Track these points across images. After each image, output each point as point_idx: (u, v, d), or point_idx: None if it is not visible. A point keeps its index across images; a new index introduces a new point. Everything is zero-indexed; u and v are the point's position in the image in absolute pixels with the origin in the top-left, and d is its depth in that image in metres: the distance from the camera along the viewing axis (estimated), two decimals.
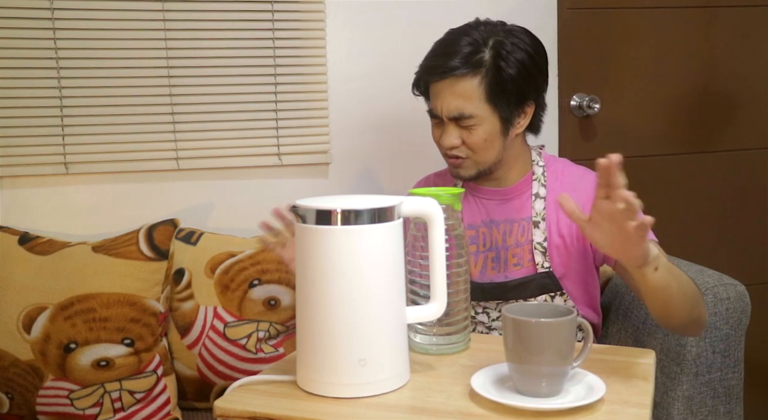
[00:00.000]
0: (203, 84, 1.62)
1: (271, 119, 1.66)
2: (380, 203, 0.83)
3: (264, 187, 1.69)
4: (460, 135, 1.20)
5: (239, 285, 1.46)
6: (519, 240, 1.25)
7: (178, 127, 1.61)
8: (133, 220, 1.56)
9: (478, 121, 1.19)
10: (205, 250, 1.50)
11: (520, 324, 0.81)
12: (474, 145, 1.20)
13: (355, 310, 0.82)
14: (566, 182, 1.26)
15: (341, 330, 0.82)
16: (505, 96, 1.19)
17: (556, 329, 0.80)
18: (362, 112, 1.72)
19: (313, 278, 0.83)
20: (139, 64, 1.58)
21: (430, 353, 0.98)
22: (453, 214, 0.98)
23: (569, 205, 0.92)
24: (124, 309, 1.38)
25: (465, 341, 1.00)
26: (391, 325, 0.85)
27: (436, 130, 1.26)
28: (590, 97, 1.81)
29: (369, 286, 0.83)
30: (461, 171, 1.24)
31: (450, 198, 0.97)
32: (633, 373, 0.90)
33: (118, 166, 1.60)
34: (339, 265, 0.82)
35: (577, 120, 1.83)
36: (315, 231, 0.83)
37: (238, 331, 1.45)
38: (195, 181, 1.65)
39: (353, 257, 0.82)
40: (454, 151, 1.22)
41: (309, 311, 0.84)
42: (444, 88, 1.19)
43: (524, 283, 1.23)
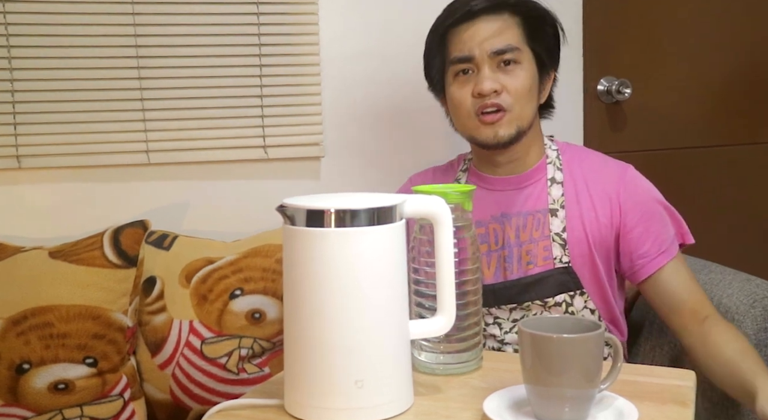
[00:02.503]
0: (176, 66, 1.61)
1: (256, 107, 1.67)
2: (380, 202, 0.84)
3: (247, 184, 1.69)
4: (500, 80, 1.23)
5: (218, 296, 1.47)
6: (533, 235, 1.26)
7: (148, 116, 1.61)
8: (96, 221, 1.55)
9: (521, 60, 1.23)
10: (179, 256, 1.50)
11: (540, 340, 0.80)
12: (517, 91, 1.23)
13: (352, 324, 0.82)
14: (586, 166, 1.29)
15: (335, 347, 0.82)
16: (545, 36, 1.26)
17: (581, 346, 0.80)
18: (360, 98, 1.72)
19: (304, 288, 0.83)
20: (102, 42, 1.58)
21: (437, 373, 0.98)
22: (463, 214, 0.98)
23: None
24: (86, 323, 1.38)
25: (477, 360, 1.00)
26: (393, 341, 0.85)
27: (463, 88, 1.26)
28: (620, 81, 1.81)
29: (367, 297, 0.83)
30: (500, 129, 1.24)
31: (459, 196, 0.97)
32: (670, 397, 0.90)
33: (79, 160, 1.60)
34: (333, 272, 0.82)
35: (604, 107, 1.84)
36: (305, 234, 0.83)
37: (218, 348, 1.45)
38: (168, 177, 1.65)
39: (349, 264, 0.82)
40: (493, 99, 1.23)
41: (298, 326, 0.84)
42: (479, 25, 1.23)
43: (540, 281, 1.24)
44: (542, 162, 1.30)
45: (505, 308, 1.26)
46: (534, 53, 1.25)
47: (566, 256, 1.24)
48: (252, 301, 1.47)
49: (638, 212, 1.24)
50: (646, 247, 1.23)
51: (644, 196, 1.26)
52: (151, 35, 1.60)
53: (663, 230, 1.24)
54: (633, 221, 1.24)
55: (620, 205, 1.24)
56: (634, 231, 1.24)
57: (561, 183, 1.27)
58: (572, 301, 1.24)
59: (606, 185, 1.25)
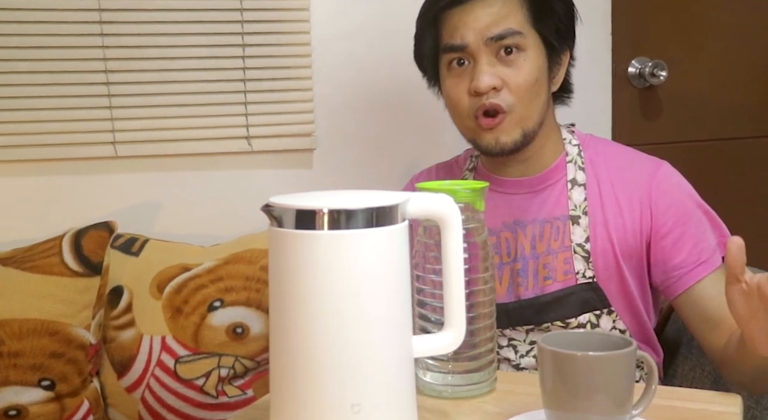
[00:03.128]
0: (146, 45, 1.62)
1: (238, 92, 1.67)
2: (379, 201, 0.83)
3: (228, 180, 1.70)
4: (500, 74, 1.20)
5: (195, 308, 1.47)
6: (551, 246, 1.25)
7: (114, 102, 1.61)
8: (54, 222, 1.56)
9: (525, 46, 1.20)
10: (150, 263, 1.51)
11: (563, 359, 0.80)
12: (520, 87, 1.19)
13: (347, 339, 0.82)
14: (612, 163, 1.27)
15: (328, 367, 0.82)
16: (554, 17, 1.21)
17: (609, 365, 0.80)
18: (357, 82, 1.72)
19: (292, 299, 0.83)
20: (61, 17, 1.57)
21: (445, 397, 0.98)
22: (474, 215, 0.98)
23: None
24: (42, 340, 1.38)
25: (490, 381, 1.00)
26: (394, 360, 0.85)
27: (457, 83, 1.23)
28: (654, 62, 1.81)
29: (365, 309, 0.82)
30: (502, 136, 1.21)
31: (470, 194, 0.97)
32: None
33: (34, 153, 1.59)
34: (326, 281, 0.82)
35: (636, 92, 1.83)
36: (294, 237, 0.82)
37: (194, 368, 1.45)
38: (137, 172, 1.65)
39: (344, 271, 0.82)
40: (492, 99, 1.19)
41: (286, 342, 0.84)
42: (474, 9, 1.20)
43: (560, 299, 1.23)
44: (561, 160, 1.28)
45: (521, 329, 1.25)
46: (541, 36, 1.22)
47: (590, 269, 1.23)
48: (233, 314, 1.47)
49: (672, 216, 1.22)
50: (682, 256, 1.21)
51: (680, 197, 1.24)
52: (118, 10, 1.60)
53: (702, 237, 1.22)
54: (666, 226, 1.22)
55: (651, 208, 1.22)
56: (667, 238, 1.22)
57: (583, 185, 1.25)
58: (598, 321, 1.23)
59: (635, 185, 1.23)
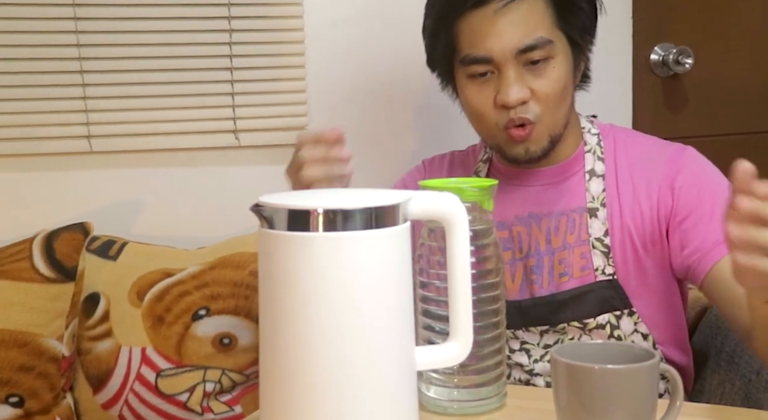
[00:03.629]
0: (123, 30, 1.61)
1: (225, 81, 1.67)
2: (378, 200, 0.83)
3: (214, 178, 1.70)
4: (528, 84, 1.21)
5: (179, 317, 1.47)
6: (567, 240, 1.26)
7: (89, 92, 1.62)
8: (24, 224, 1.56)
9: (554, 53, 1.21)
10: (129, 268, 1.51)
11: (578, 372, 0.80)
12: (549, 97, 1.21)
13: (344, 351, 0.82)
14: (632, 151, 1.28)
15: (324, 381, 0.82)
16: (579, 14, 1.22)
17: (630, 379, 0.80)
18: (354, 72, 1.72)
19: (284, 307, 0.83)
20: None
21: (450, 413, 0.98)
22: (482, 215, 0.98)
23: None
24: (10, 352, 1.38)
25: (499, 396, 1.00)
26: (395, 373, 0.85)
27: (480, 94, 1.24)
28: (679, 48, 1.81)
29: (363, 318, 0.82)
30: (531, 146, 1.24)
31: (478, 193, 0.97)
32: None
33: (1, 147, 1.59)
34: (321, 287, 0.82)
35: (659, 81, 1.84)
36: (286, 240, 0.82)
37: (177, 382, 1.45)
38: (114, 168, 1.65)
39: (341, 277, 0.82)
40: (521, 113, 1.21)
41: (278, 354, 0.84)
42: (497, 14, 1.19)
43: (577, 298, 1.24)
44: (580, 150, 1.30)
45: (535, 331, 1.26)
46: (567, 37, 1.23)
47: (610, 266, 1.24)
48: (220, 323, 1.47)
49: (694, 197, 1.22)
50: (701, 237, 1.20)
51: (704, 179, 1.24)
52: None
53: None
54: (687, 208, 1.21)
55: (672, 191, 1.22)
56: (688, 219, 1.21)
57: (602, 176, 1.27)
58: (618, 322, 1.24)
59: (656, 171, 1.24)
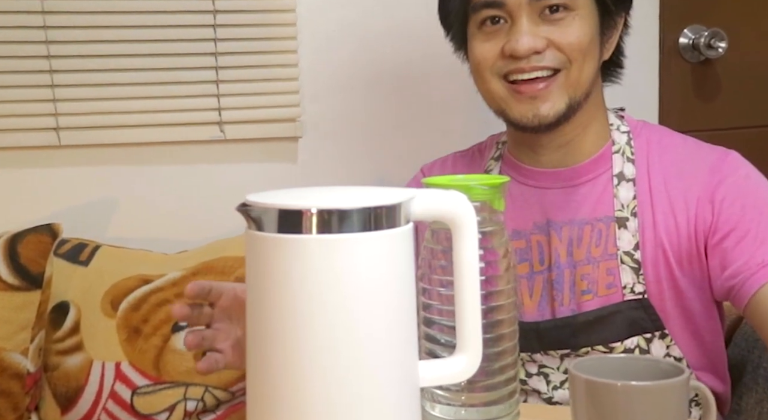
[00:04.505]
0: (94, 11, 1.62)
1: (209, 68, 1.68)
2: (377, 200, 0.83)
3: (197, 174, 1.71)
4: (543, 33, 1.20)
5: (157, 328, 1.47)
6: (592, 253, 1.25)
7: (57, 80, 1.62)
8: None
9: (575, 5, 1.20)
10: (102, 274, 1.51)
11: (599, 389, 0.81)
12: (573, 45, 1.20)
13: (339, 366, 0.82)
14: (667, 155, 1.26)
15: (317, 398, 0.82)
16: None
17: (656, 398, 0.80)
18: (350, 59, 1.73)
19: (274, 317, 0.83)
20: None
21: None
22: (492, 216, 0.98)
23: None
24: None
25: (511, 416, 1.00)
26: (395, 390, 0.85)
27: (488, 44, 1.24)
28: (711, 31, 1.81)
29: (361, 329, 0.82)
30: (544, 105, 1.22)
31: (487, 191, 0.97)
32: None
33: None
34: (314, 294, 0.82)
35: (689, 67, 1.84)
36: (276, 243, 0.82)
37: (155, 400, 1.45)
38: (86, 164, 1.66)
39: (336, 283, 0.82)
40: (535, 62, 1.20)
41: (266, 368, 0.84)
42: None
43: (603, 319, 1.23)
44: (606, 149, 1.29)
45: (555, 355, 1.26)
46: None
47: (640, 283, 1.23)
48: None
49: (737, 211, 1.21)
50: (745, 257, 1.19)
51: (749, 191, 1.23)
52: None
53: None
54: (729, 224, 1.20)
55: (713, 204, 1.21)
56: (730, 237, 1.20)
57: (632, 180, 1.25)
58: (649, 346, 1.23)
59: (695, 179, 1.22)
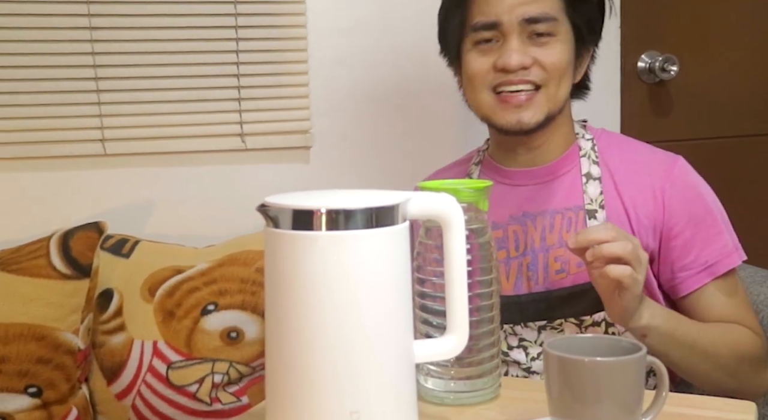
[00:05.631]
0: (136, 39, 1.62)
1: (231, 87, 1.67)
2: (379, 201, 0.84)
3: (222, 179, 1.70)
4: (530, 53, 1.22)
5: (188, 311, 1.47)
6: (564, 238, 1.25)
7: (103, 98, 1.62)
8: (41, 223, 1.56)
9: (557, 32, 1.22)
10: (141, 265, 1.51)
11: (569, 364, 0.81)
12: (553, 66, 1.22)
13: (346, 344, 0.82)
14: (626, 158, 1.28)
15: (326, 372, 0.82)
16: (587, 6, 1.25)
17: (618, 372, 0.80)
18: (354, 78, 1.72)
19: (289, 302, 0.83)
20: (48, 9, 1.57)
21: (447, 403, 0.99)
22: (477, 215, 0.98)
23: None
24: (29, 345, 1.38)
25: (493, 387, 1.00)
26: (394, 365, 0.85)
27: (482, 58, 1.25)
28: (665, 56, 1.82)
29: (364, 313, 0.83)
30: (525, 114, 1.23)
31: (473, 194, 0.97)
32: None
33: (20, 151, 1.60)
34: (324, 284, 0.82)
35: (646, 87, 1.84)
36: (291, 238, 0.83)
37: (187, 374, 1.45)
38: (128, 170, 1.66)
39: (343, 274, 0.82)
40: (522, 76, 1.22)
41: (283, 347, 0.84)
42: None
43: (574, 295, 1.23)
44: (572, 150, 1.30)
45: (533, 327, 1.25)
46: (572, 25, 1.25)
47: None
48: (228, 317, 1.47)
49: (685, 215, 1.23)
50: (690, 258, 1.22)
51: (693, 197, 1.25)
52: (107, 3, 1.60)
53: (712, 240, 1.23)
54: (679, 226, 1.23)
55: (664, 204, 1.23)
56: (679, 237, 1.23)
57: (598, 179, 1.26)
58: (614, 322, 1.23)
59: (650, 179, 1.24)
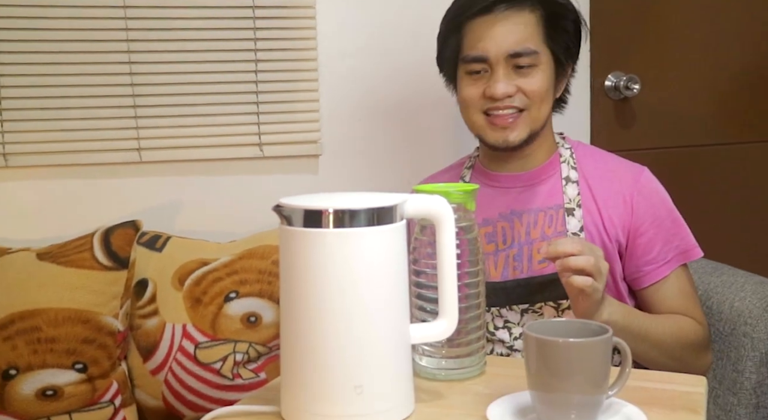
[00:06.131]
0: (169, 61, 1.62)
1: (251, 103, 1.67)
2: (379, 202, 0.84)
3: (242, 183, 1.70)
4: (514, 82, 1.22)
5: (213, 298, 1.47)
6: (546, 232, 1.26)
7: (140, 112, 1.62)
8: (86, 221, 1.55)
9: (538, 62, 1.22)
10: (172, 258, 1.51)
11: (545, 345, 0.81)
12: (534, 93, 1.23)
13: (350, 327, 0.83)
14: (600, 166, 1.29)
15: (334, 352, 0.83)
16: (564, 36, 1.24)
17: (588, 351, 0.80)
18: (358, 95, 1.72)
19: (301, 290, 0.84)
20: (93, 36, 1.58)
21: (439, 379, 0.99)
22: (466, 214, 0.98)
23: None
24: (76, 327, 1.38)
25: (479, 365, 1.00)
26: (393, 346, 0.85)
27: (472, 87, 1.26)
28: (628, 76, 1.82)
29: (366, 300, 0.83)
30: (511, 133, 1.24)
31: (462, 196, 0.98)
32: (680, 403, 0.91)
33: (68, 158, 1.60)
34: (331, 274, 0.82)
35: (612, 103, 1.84)
36: (302, 235, 0.83)
37: (212, 353, 1.45)
38: (160, 175, 1.66)
39: (348, 265, 0.82)
40: (508, 102, 1.22)
41: (295, 329, 0.85)
42: (496, 22, 1.22)
43: (553, 282, 1.23)
44: (554, 158, 1.30)
45: (517, 310, 1.26)
46: (552, 52, 1.25)
47: None
48: (247, 304, 1.47)
49: (650, 217, 1.25)
50: (653, 253, 1.24)
51: (657, 201, 1.27)
52: (142, 29, 1.60)
53: (670, 239, 1.25)
54: (644, 226, 1.25)
55: (633, 207, 1.25)
56: (643, 236, 1.24)
57: (576, 182, 1.27)
58: None
59: (620, 186, 1.26)
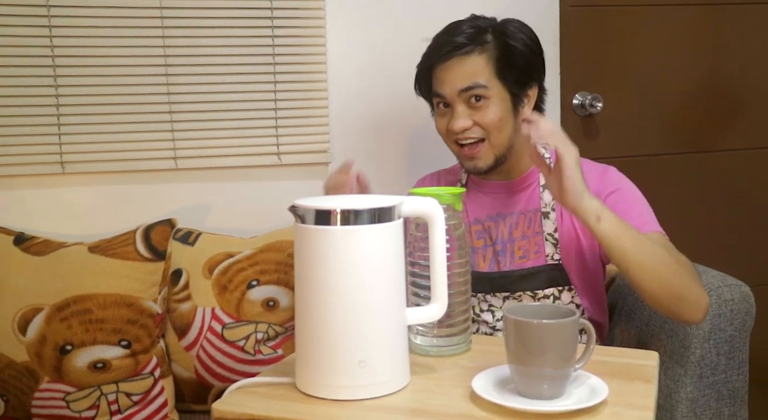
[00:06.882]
0: (201, 82, 1.62)
1: (271, 118, 1.67)
2: (380, 203, 0.84)
3: (263, 187, 1.69)
4: (471, 116, 1.21)
5: (237, 286, 1.47)
6: (525, 232, 1.25)
7: (176, 126, 1.62)
8: (130, 220, 1.56)
9: (490, 95, 1.20)
10: (203, 251, 1.51)
11: (522, 325, 0.81)
12: (488, 125, 1.21)
13: (355, 311, 0.82)
14: None
15: (340, 331, 0.83)
16: (514, 70, 1.21)
17: (558, 331, 0.80)
18: (363, 110, 1.72)
19: (313, 279, 0.84)
20: (136, 61, 1.58)
21: (431, 355, 0.98)
22: (454, 214, 0.98)
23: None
24: (121, 310, 1.38)
25: (466, 343, 1.00)
26: (391, 326, 0.85)
27: (441, 120, 1.25)
28: (593, 95, 1.81)
29: (369, 287, 0.83)
30: (478, 162, 1.23)
31: (451, 198, 0.97)
32: (636, 375, 0.91)
33: (115, 166, 1.60)
34: (339, 265, 0.82)
35: (579, 119, 1.83)
36: (314, 231, 0.83)
37: (237, 332, 1.45)
38: (193, 180, 1.65)
39: (353, 258, 0.82)
40: (467, 134, 1.21)
41: (308, 312, 0.84)
42: (452, 67, 1.21)
43: (532, 274, 1.23)
44: (534, 169, 1.28)
45: (499, 296, 1.25)
46: (505, 85, 1.22)
47: (558, 254, 1.22)
48: (267, 290, 1.47)
49: (616, 198, 1.21)
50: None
51: (621, 186, 1.23)
52: (179, 56, 1.60)
53: (635, 214, 1.19)
54: (611, 200, 1.20)
55: (601, 197, 1.19)
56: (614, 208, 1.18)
57: None
58: (560, 295, 1.23)
59: (591, 183, 1.21)
